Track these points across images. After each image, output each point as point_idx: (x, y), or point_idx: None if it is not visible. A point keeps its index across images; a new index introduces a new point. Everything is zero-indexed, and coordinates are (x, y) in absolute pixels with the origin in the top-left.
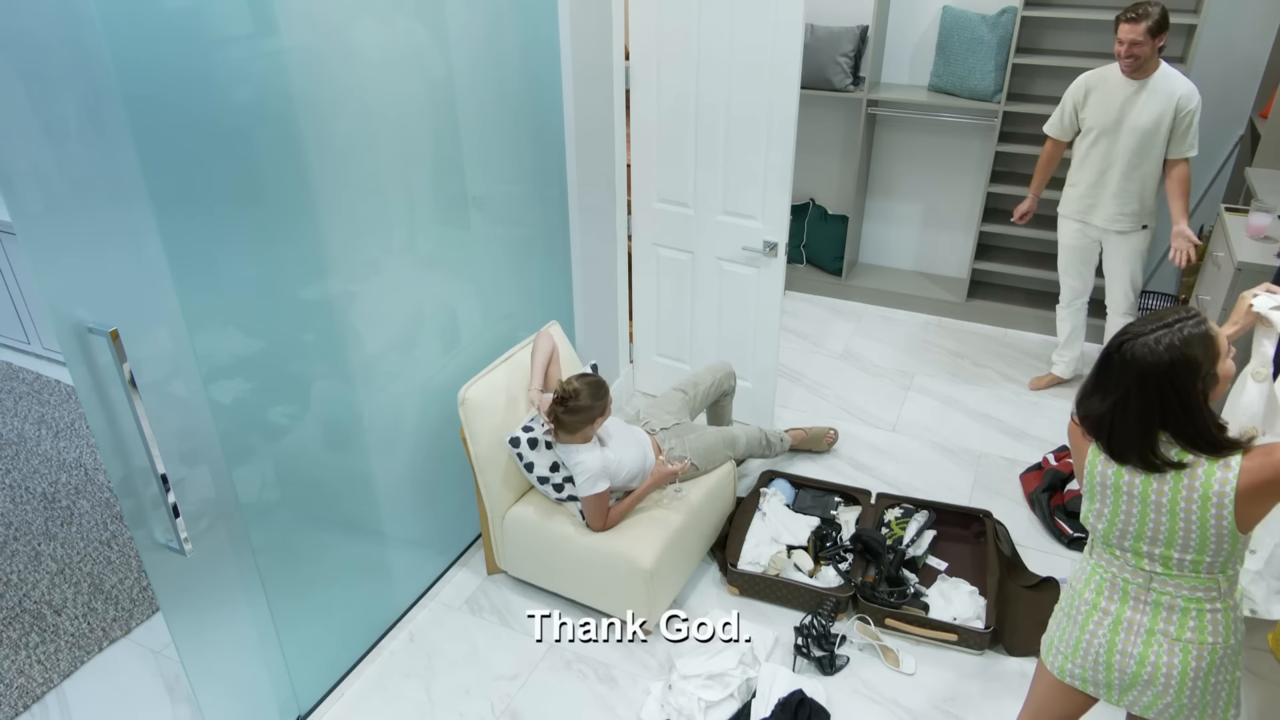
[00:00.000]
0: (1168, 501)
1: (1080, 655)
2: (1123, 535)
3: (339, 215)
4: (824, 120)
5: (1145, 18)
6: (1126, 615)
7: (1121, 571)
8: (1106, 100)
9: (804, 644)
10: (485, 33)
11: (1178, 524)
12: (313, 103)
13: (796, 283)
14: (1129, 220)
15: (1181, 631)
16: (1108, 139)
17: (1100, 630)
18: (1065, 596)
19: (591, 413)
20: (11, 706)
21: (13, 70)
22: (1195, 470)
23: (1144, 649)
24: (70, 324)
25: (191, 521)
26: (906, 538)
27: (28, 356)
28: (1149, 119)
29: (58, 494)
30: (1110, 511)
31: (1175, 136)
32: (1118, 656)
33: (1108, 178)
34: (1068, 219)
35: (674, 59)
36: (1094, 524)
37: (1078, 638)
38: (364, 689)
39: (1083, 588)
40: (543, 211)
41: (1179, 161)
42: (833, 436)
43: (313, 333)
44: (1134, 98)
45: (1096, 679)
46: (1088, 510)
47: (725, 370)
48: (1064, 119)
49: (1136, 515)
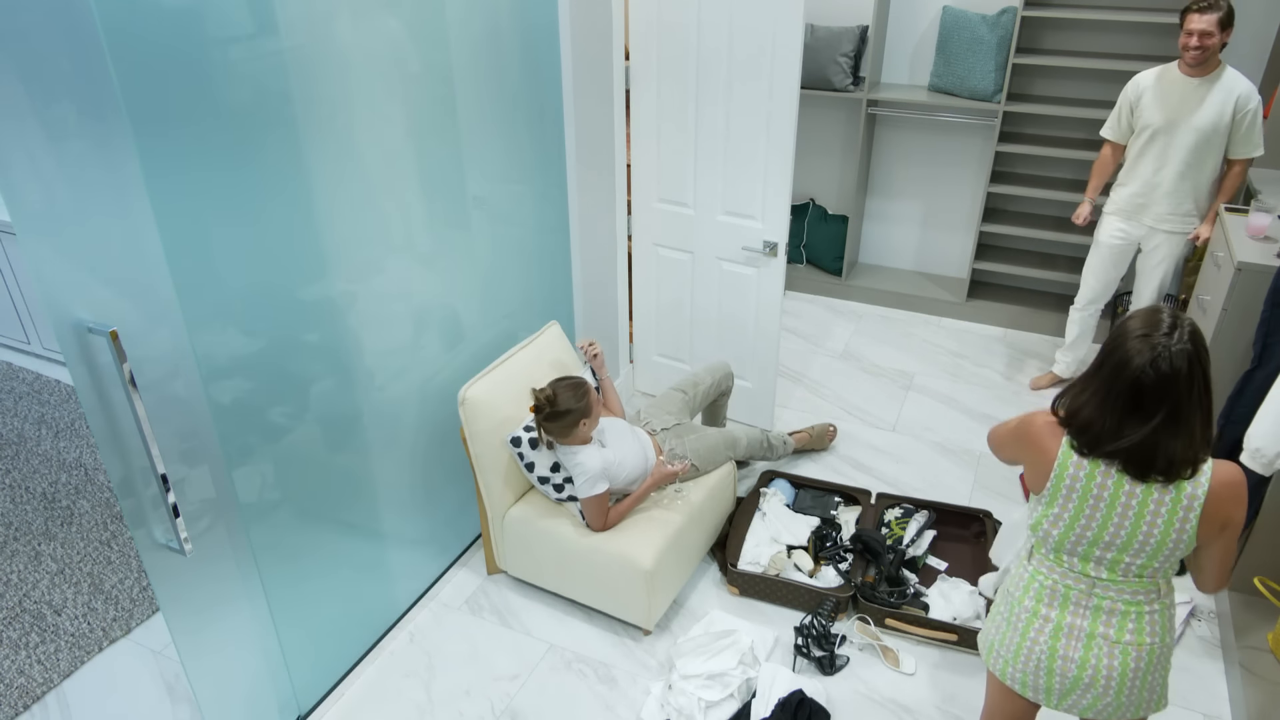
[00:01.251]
0: (1136, 504)
1: (1021, 661)
2: (1078, 541)
3: (339, 215)
4: (824, 120)
5: (1216, 8)
6: (1067, 621)
7: (1064, 579)
8: (1163, 98)
9: (804, 644)
10: (485, 33)
11: (1139, 528)
12: (313, 103)
13: (796, 283)
14: (1180, 220)
15: (1121, 634)
16: (1164, 138)
17: (1041, 638)
18: (1003, 601)
19: (575, 415)
20: (11, 706)
21: (13, 70)
22: (1170, 490)
23: (1084, 653)
24: (70, 324)
25: (191, 521)
26: (906, 538)
27: (28, 356)
28: (1209, 117)
29: (58, 494)
30: (1071, 516)
31: (1237, 136)
32: (1059, 662)
33: (1162, 176)
34: (1113, 216)
35: (674, 59)
36: (1047, 530)
37: (1018, 644)
38: (364, 689)
39: (1022, 595)
40: (543, 211)
41: (1240, 161)
42: (833, 432)
43: (313, 333)
44: (1193, 95)
45: (1037, 685)
46: (1043, 515)
47: (724, 370)
48: (1120, 121)
49: (1099, 519)
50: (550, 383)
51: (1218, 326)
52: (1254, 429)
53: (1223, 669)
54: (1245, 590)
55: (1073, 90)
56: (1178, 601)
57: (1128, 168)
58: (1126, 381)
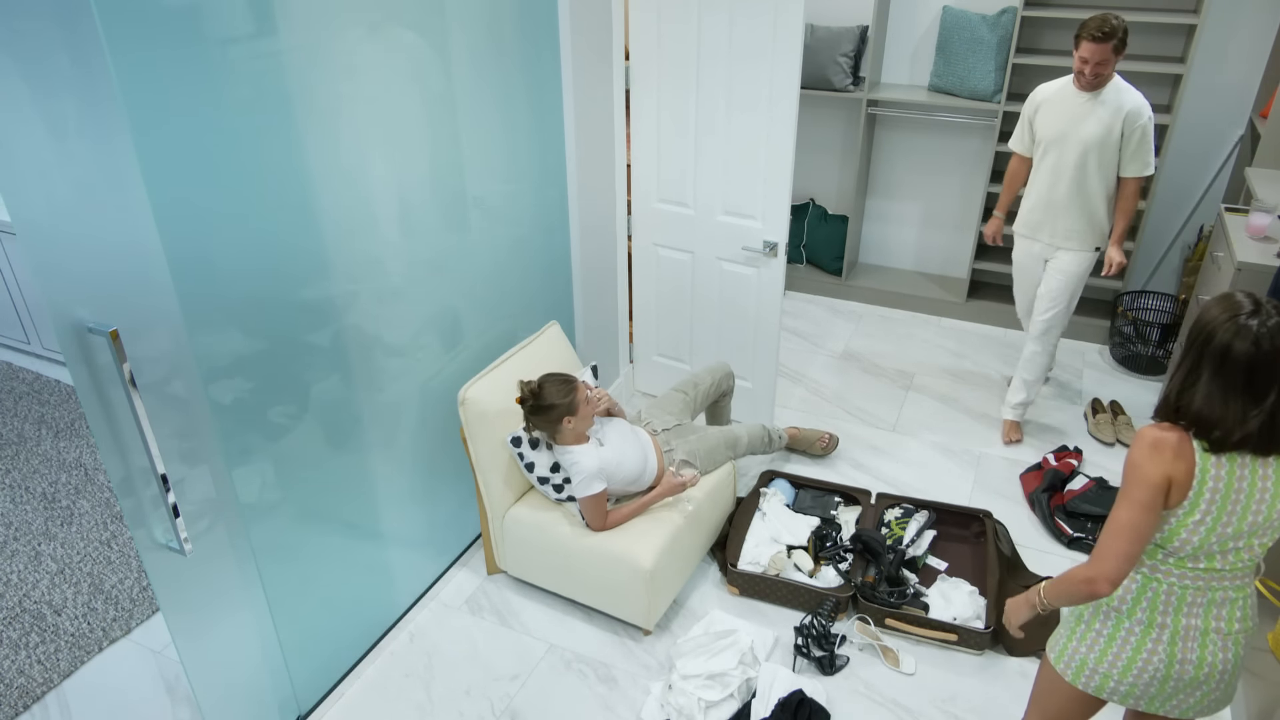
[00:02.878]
0: (1272, 485)
1: (1134, 675)
2: (1216, 541)
3: (340, 215)
4: (824, 120)
5: (1111, 37)
6: (1184, 624)
7: (1181, 580)
8: (1057, 112)
9: (804, 644)
10: (485, 33)
11: (1276, 506)
12: (312, 103)
13: (796, 283)
14: (1076, 239)
15: (1230, 625)
16: (1056, 152)
17: (1160, 647)
18: (1097, 618)
19: (559, 411)
20: (11, 706)
21: (13, 70)
22: None
23: (1200, 652)
24: (70, 324)
25: (191, 521)
26: (906, 538)
27: (28, 356)
28: (1096, 131)
29: (58, 494)
30: (1213, 519)
31: (1127, 153)
32: (1177, 667)
33: (1056, 192)
34: (1019, 235)
35: (674, 59)
36: (1186, 538)
37: (1130, 659)
38: (364, 689)
39: (1132, 607)
40: (543, 211)
41: (1130, 180)
42: (827, 441)
43: (313, 333)
44: (1083, 109)
45: (1148, 693)
46: (1180, 525)
47: (724, 370)
48: (1023, 133)
49: (1238, 515)
50: (540, 376)
51: None
52: None
53: None
54: None
55: None
56: None
57: (1029, 183)
58: (1236, 367)
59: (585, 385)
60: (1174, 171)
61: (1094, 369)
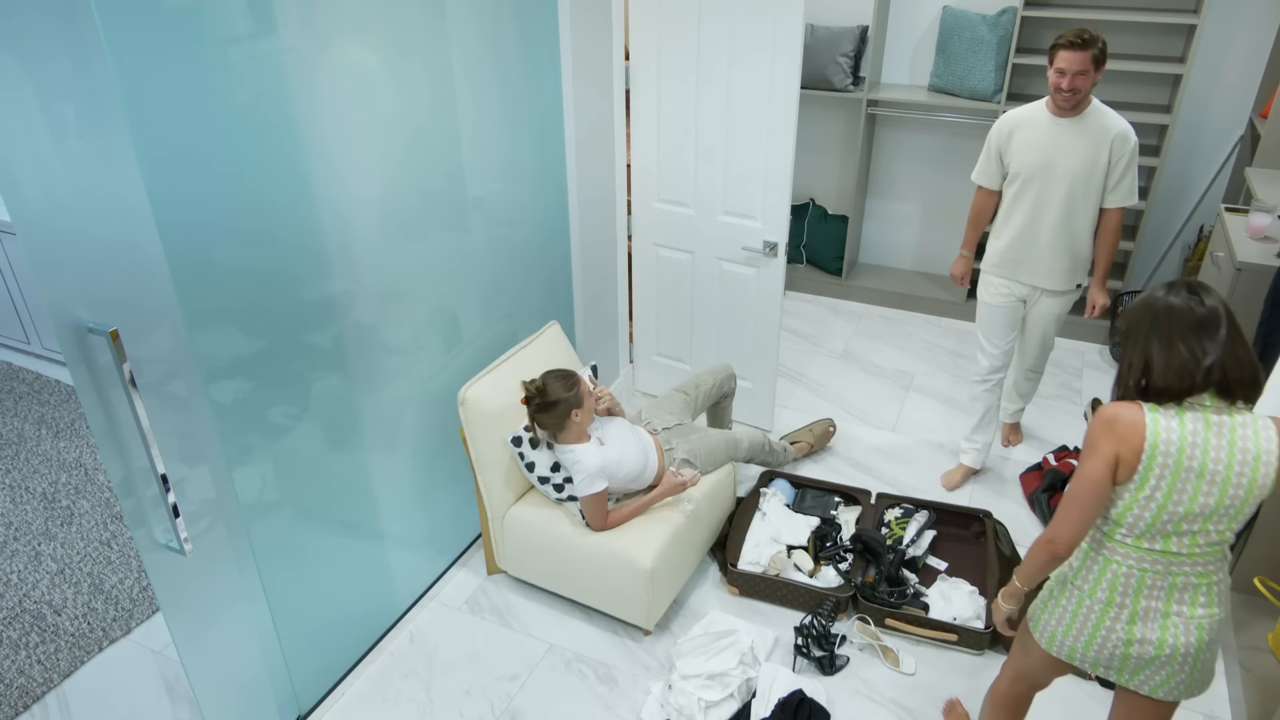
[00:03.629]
0: (1223, 469)
1: (1095, 648)
2: (1169, 519)
3: (339, 215)
4: (824, 120)
5: (1090, 45)
6: (1142, 605)
7: (1140, 564)
8: (1033, 141)
9: (804, 644)
10: (486, 33)
11: (1227, 492)
12: (312, 103)
13: (796, 283)
14: (1061, 277)
15: (1194, 609)
16: (1038, 185)
17: (1118, 625)
18: (1065, 593)
19: (565, 405)
20: (11, 706)
21: (13, 70)
22: (1246, 430)
23: (1161, 633)
24: (70, 324)
25: (191, 521)
26: (906, 538)
27: (28, 356)
28: (1082, 160)
29: (58, 494)
30: (1164, 494)
31: (1111, 181)
32: (1135, 646)
33: (1038, 229)
34: (990, 274)
35: (674, 59)
36: (1138, 514)
37: (1091, 635)
38: (364, 689)
39: (1093, 587)
40: (543, 212)
41: (1114, 211)
42: (831, 428)
43: (313, 333)
44: (1064, 137)
45: (1111, 665)
46: (1132, 501)
47: (726, 372)
48: (991, 164)
49: (1189, 491)
50: (541, 374)
51: None
52: None
53: (1223, 669)
54: (1245, 590)
55: None
56: None
57: (1001, 218)
58: (1181, 321)
59: (587, 380)
60: (1174, 171)
61: (1094, 369)
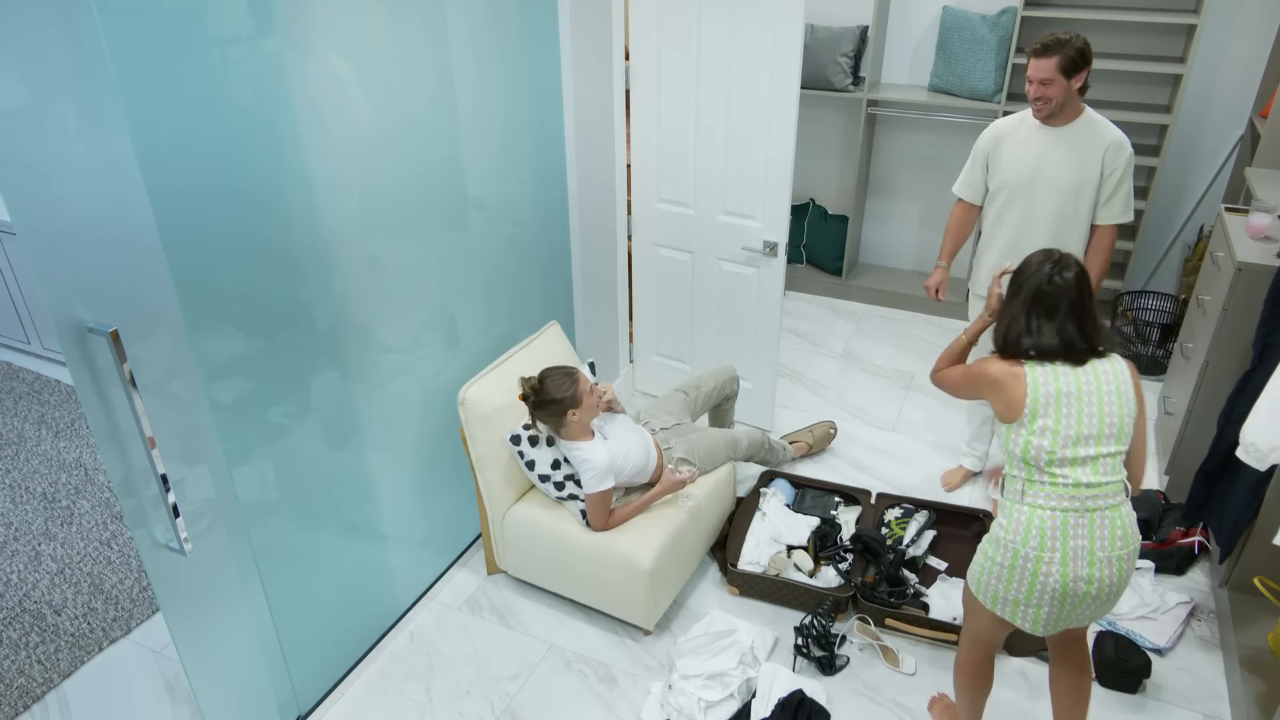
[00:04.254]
0: (1095, 394)
1: (1035, 600)
2: (1066, 442)
3: (339, 215)
4: (824, 120)
5: (1054, 51)
6: (1071, 546)
7: (1059, 502)
8: (1021, 151)
9: (804, 644)
10: (485, 33)
11: (1105, 411)
12: (312, 103)
13: (796, 283)
14: None
15: (1113, 548)
16: (1024, 199)
17: (1053, 570)
18: (998, 551)
19: (563, 404)
20: (11, 706)
21: (13, 69)
22: (1101, 365)
23: (1089, 570)
24: (70, 324)
25: (191, 521)
26: (906, 538)
27: (28, 356)
28: (1071, 174)
29: (58, 494)
30: (1055, 419)
31: (1104, 195)
32: (1071, 585)
33: (1026, 245)
34: (978, 297)
35: (674, 59)
36: (1038, 444)
37: (1029, 587)
38: (364, 689)
39: (1023, 541)
40: (543, 211)
41: (1107, 228)
42: (831, 429)
43: (313, 332)
44: (1053, 148)
45: (1050, 617)
46: (1030, 434)
47: (728, 374)
48: (976, 175)
49: (1076, 412)
50: (540, 371)
51: (1218, 326)
52: (1249, 424)
53: (1223, 669)
54: (1245, 590)
55: None
56: (1177, 602)
57: (986, 236)
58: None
59: (587, 377)
60: (1174, 171)
61: None
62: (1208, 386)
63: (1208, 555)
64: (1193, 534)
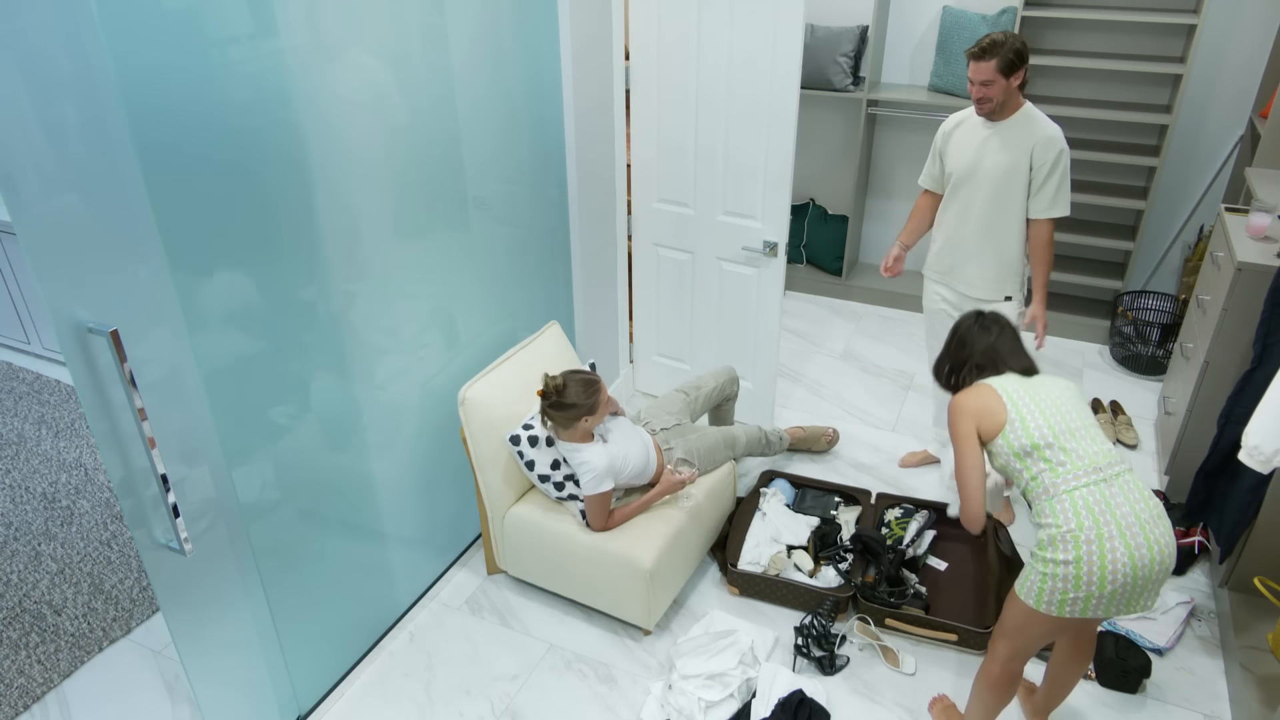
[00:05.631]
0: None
1: (1110, 578)
2: (1060, 425)
3: (339, 215)
4: (824, 120)
5: (991, 53)
6: (1119, 514)
7: (1087, 479)
8: (964, 144)
9: (804, 644)
10: (485, 33)
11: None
12: (313, 103)
13: (796, 283)
14: (988, 286)
15: (1150, 507)
16: (965, 190)
17: (1117, 545)
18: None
19: (580, 410)
20: (11, 706)
21: (13, 70)
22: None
23: (1145, 534)
24: (70, 324)
25: (191, 521)
26: (906, 538)
27: (28, 356)
28: (1002, 165)
29: (58, 494)
30: (1039, 411)
31: (1034, 188)
32: (1136, 552)
33: (964, 233)
34: (930, 279)
35: (674, 59)
36: (1043, 434)
37: (1101, 567)
38: (364, 689)
39: (1078, 527)
40: (543, 211)
41: (1040, 222)
42: (832, 435)
43: (313, 333)
44: (990, 141)
45: (1126, 594)
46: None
47: (729, 375)
48: (934, 166)
49: (1051, 410)
50: (564, 373)
51: (1218, 326)
52: (1251, 426)
53: (1223, 669)
54: (1245, 590)
55: (1073, 90)
56: (1177, 602)
57: (937, 222)
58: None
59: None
60: (1174, 171)
61: (1094, 369)
62: (1208, 387)
63: (1208, 555)
64: (1193, 534)
